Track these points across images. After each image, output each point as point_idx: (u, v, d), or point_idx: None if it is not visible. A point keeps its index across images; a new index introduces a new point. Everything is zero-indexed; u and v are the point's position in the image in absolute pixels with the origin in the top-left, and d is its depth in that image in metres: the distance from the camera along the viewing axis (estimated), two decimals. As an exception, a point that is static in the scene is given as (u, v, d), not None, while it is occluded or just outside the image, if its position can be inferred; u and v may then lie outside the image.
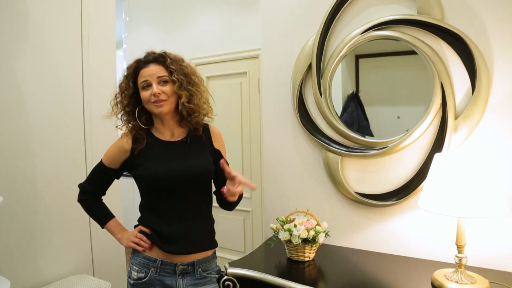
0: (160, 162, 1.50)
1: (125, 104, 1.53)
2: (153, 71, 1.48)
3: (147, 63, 1.50)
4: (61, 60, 2.26)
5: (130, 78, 1.52)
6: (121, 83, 1.54)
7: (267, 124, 2.29)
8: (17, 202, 2.04)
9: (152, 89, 1.46)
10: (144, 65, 1.50)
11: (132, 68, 1.52)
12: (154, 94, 1.45)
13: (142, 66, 1.50)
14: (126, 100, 1.53)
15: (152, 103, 1.47)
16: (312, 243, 1.79)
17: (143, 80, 1.48)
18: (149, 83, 1.47)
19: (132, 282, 1.53)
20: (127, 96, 1.52)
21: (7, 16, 2.00)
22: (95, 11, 2.44)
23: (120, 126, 1.60)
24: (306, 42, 2.07)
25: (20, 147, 2.06)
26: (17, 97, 2.05)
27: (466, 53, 1.69)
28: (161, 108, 1.47)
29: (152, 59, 1.51)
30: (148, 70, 1.48)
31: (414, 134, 1.80)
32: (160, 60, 1.50)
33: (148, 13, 4.12)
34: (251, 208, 3.42)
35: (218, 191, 1.59)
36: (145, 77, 1.47)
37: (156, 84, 1.46)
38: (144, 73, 1.48)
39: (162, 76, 1.48)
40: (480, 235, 1.72)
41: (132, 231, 1.58)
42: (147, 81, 1.47)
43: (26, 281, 2.08)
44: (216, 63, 3.55)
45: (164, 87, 1.48)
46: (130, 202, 4.06)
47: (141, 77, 1.49)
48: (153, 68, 1.48)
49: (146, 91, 1.48)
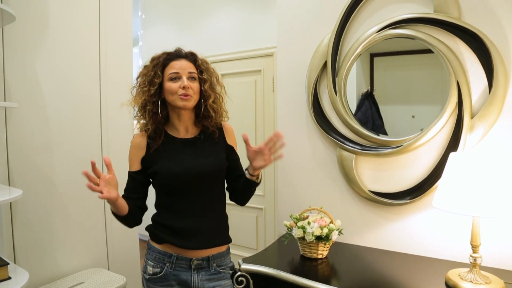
0: (175, 159, 1.51)
1: (152, 94, 1.50)
2: (185, 65, 1.50)
3: (178, 57, 1.52)
4: (79, 57, 2.30)
5: (159, 67, 1.51)
6: (148, 71, 1.52)
7: (281, 121, 2.30)
8: (35, 196, 2.09)
9: (183, 81, 1.47)
10: (175, 58, 1.52)
11: (162, 59, 1.52)
12: (184, 87, 1.46)
13: (172, 59, 1.51)
14: (154, 89, 1.50)
15: (179, 96, 1.47)
16: (325, 240, 1.80)
17: (173, 72, 1.48)
18: (179, 76, 1.48)
19: (148, 277, 1.55)
20: (156, 84, 1.50)
21: (27, 14, 2.04)
22: (112, 9, 2.48)
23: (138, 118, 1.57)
24: (322, 40, 2.08)
25: (38, 143, 2.11)
26: (36, 94, 2.09)
27: (483, 51, 1.68)
28: (187, 102, 1.48)
29: (183, 55, 1.54)
30: (180, 63, 1.50)
31: (429, 133, 1.79)
32: (191, 58, 1.54)
33: (164, 10, 4.15)
34: (264, 206, 3.43)
35: (231, 187, 1.62)
36: (177, 69, 1.49)
37: (186, 78, 1.48)
38: (176, 65, 1.49)
39: (192, 72, 1.51)
40: (495, 235, 1.70)
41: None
42: (178, 73, 1.48)
43: (43, 273, 2.13)
44: (230, 61, 3.56)
45: (193, 84, 1.50)
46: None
47: (172, 68, 1.49)
48: (185, 63, 1.51)
49: (174, 83, 1.48)
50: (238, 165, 1.64)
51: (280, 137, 1.42)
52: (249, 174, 1.51)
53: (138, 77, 1.56)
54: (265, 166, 1.46)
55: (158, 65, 1.51)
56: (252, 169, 1.49)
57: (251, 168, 1.50)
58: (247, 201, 1.64)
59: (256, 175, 1.51)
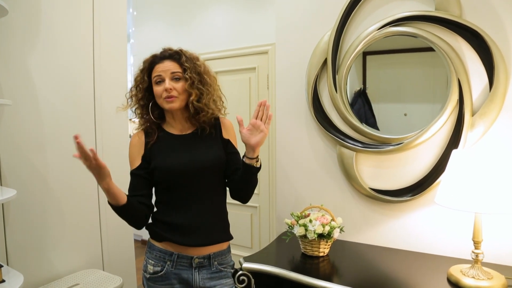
0: (173, 154, 1.52)
1: (139, 98, 1.56)
2: (167, 67, 1.50)
3: (162, 59, 1.53)
4: (73, 55, 2.25)
5: (145, 72, 1.55)
6: (137, 76, 1.56)
7: (280, 119, 2.29)
8: (29, 196, 2.04)
9: (165, 84, 1.48)
10: (160, 61, 1.52)
11: (148, 63, 1.55)
12: (166, 90, 1.48)
13: (157, 62, 1.53)
14: (141, 93, 1.55)
15: (163, 99, 1.49)
16: (327, 238, 1.80)
17: (156, 75, 1.51)
18: (162, 78, 1.50)
19: (148, 276, 1.54)
20: (142, 89, 1.55)
21: (19, 12, 1.99)
22: (106, 6, 2.43)
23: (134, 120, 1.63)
24: (322, 37, 2.07)
25: (32, 142, 2.06)
26: (29, 92, 2.04)
27: (484, 49, 1.69)
28: (171, 104, 1.50)
29: (167, 55, 1.53)
30: (163, 65, 1.51)
31: (430, 130, 1.80)
32: (175, 57, 1.53)
33: (156, 7, 4.11)
34: (259, 204, 3.42)
35: (230, 181, 1.59)
36: (159, 72, 1.50)
37: (168, 80, 1.49)
38: (159, 68, 1.51)
39: (175, 72, 1.51)
40: (497, 231, 1.72)
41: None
42: (160, 76, 1.50)
43: (38, 275, 2.08)
44: (224, 58, 3.54)
45: (177, 84, 1.50)
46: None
47: (155, 72, 1.51)
48: (168, 64, 1.51)
49: (158, 86, 1.50)
50: (236, 158, 1.61)
51: (265, 104, 1.44)
52: (247, 159, 1.48)
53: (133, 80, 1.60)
54: (264, 138, 1.44)
55: (145, 70, 1.55)
56: (251, 152, 1.46)
57: (250, 150, 1.46)
58: (249, 194, 1.59)
59: (256, 157, 1.47)
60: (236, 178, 1.56)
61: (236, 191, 1.59)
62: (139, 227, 1.53)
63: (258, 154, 1.48)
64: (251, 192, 1.58)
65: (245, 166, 1.49)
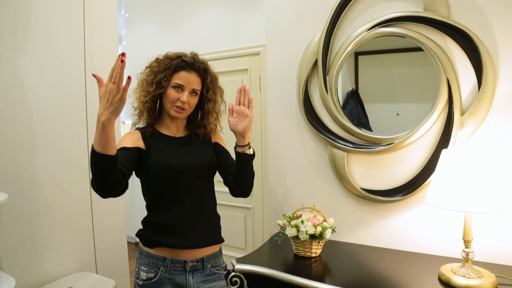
0: (169, 153, 1.53)
1: (156, 94, 1.52)
2: (192, 81, 1.51)
3: (191, 68, 1.52)
4: (64, 56, 2.24)
5: (169, 71, 1.51)
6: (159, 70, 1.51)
7: (272, 120, 2.29)
8: (20, 199, 2.03)
9: (183, 95, 1.49)
10: (187, 69, 1.51)
11: (175, 64, 1.51)
12: (182, 101, 1.49)
13: (184, 68, 1.51)
14: (159, 91, 1.51)
15: (174, 106, 1.50)
16: (319, 239, 1.80)
17: (179, 82, 1.50)
18: (183, 88, 1.50)
19: (141, 283, 1.52)
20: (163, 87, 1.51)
21: (9, 12, 1.98)
22: (97, 7, 2.42)
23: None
24: (312, 38, 2.07)
25: (23, 144, 2.05)
26: (20, 94, 2.03)
27: (472, 50, 1.70)
28: (179, 115, 1.52)
29: (196, 68, 1.53)
30: (189, 76, 1.51)
31: (420, 130, 1.81)
32: (202, 74, 1.55)
33: (148, 9, 4.10)
34: (252, 205, 3.42)
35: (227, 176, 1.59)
36: (183, 81, 1.50)
37: (187, 93, 1.50)
38: (184, 77, 1.50)
39: (196, 89, 1.53)
40: (486, 230, 1.73)
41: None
42: (182, 86, 1.50)
43: (30, 278, 2.07)
44: (216, 60, 3.53)
45: (192, 99, 1.53)
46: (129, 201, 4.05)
47: (179, 78, 1.50)
48: (194, 79, 1.52)
49: (175, 92, 1.50)
50: (227, 156, 1.65)
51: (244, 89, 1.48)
52: (239, 147, 1.48)
53: (148, 67, 1.55)
54: (251, 122, 1.46)
55: (170, 68, 1.51)
56: (241, 139, 1.48)
57: (240, 138, 1.48)
58: (248, 185, 1.56)
59: (248, 144, 1.48)
60: (232, 172, 1.56)
61: (235, 184, 1.56)
62: (107, 192, 1.29)
63: (249, 141, 1.49)
64: (251, 183, 1.57)
65: (238, 156, 1.49)
